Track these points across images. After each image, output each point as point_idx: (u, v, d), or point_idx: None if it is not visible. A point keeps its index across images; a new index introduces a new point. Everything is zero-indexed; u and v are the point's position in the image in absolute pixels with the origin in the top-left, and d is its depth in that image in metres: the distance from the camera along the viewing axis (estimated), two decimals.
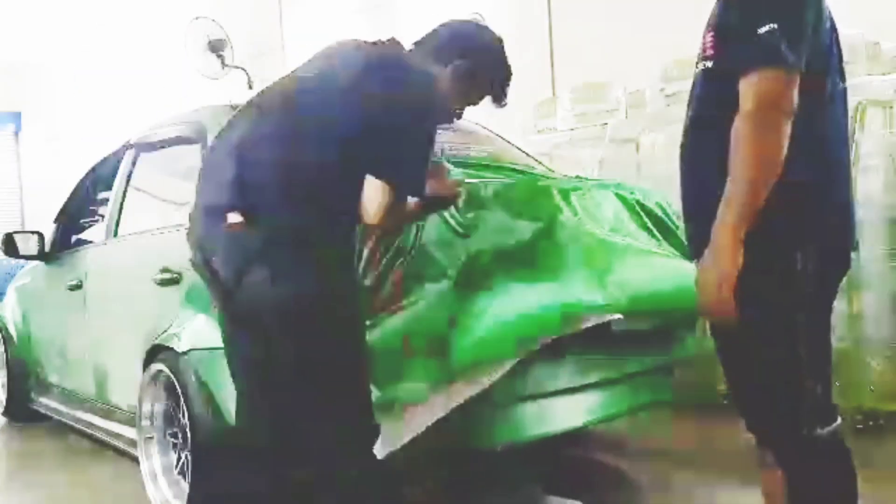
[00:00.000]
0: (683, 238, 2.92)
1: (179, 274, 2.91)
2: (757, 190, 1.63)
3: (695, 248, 1.80)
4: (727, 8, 1.73)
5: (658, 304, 2.60)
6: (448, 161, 3.02)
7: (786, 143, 1.61)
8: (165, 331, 2.87)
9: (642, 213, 2.97)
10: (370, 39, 2.12)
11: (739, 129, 1.64)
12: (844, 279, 1.89)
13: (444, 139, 3.27)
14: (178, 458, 2.86)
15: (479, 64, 2.18)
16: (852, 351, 3.51)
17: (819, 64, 1.69)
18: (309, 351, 1.92)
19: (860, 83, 3.61)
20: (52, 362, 4.34)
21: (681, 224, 3.16)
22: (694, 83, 1.83)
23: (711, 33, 1.75)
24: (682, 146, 1.86)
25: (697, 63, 1.80)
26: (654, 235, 2.95)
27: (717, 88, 1.73)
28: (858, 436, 3.45)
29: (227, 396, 2.63)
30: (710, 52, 1.75)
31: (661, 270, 2.68)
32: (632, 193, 3.01)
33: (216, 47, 9.15)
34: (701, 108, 1.81)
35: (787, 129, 1.61)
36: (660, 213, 3.03)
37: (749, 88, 1.63)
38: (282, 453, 2.00)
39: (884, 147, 3.61)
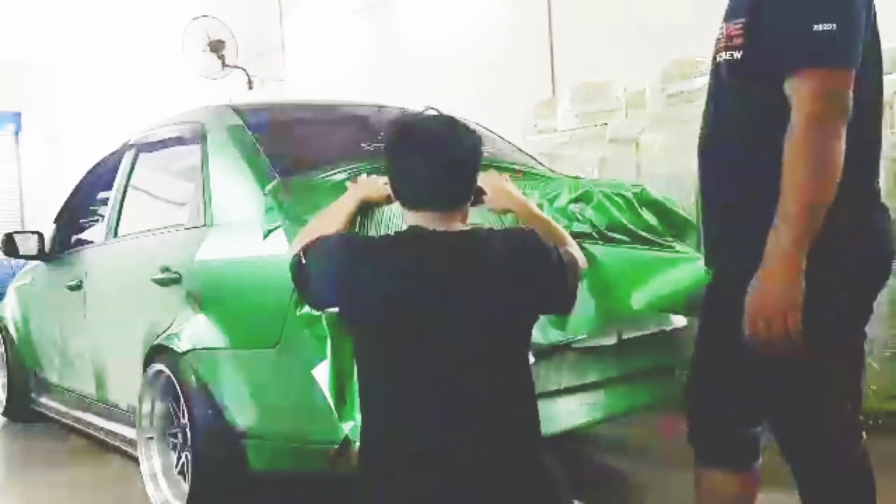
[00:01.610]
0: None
1: (179, 274, 2.91)
2: (818, 207, 1.50)
3: (711, 253, 1.73)
4: None
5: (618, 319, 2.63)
6: None
7: (843, 150, 1.49)
8: (165, 331, 2.87)
9: (644, 209, 2.93)
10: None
11: (798, 134, 1.50)
12: None
13: None
14: (178, 459, 2.86)
15: None
16: None
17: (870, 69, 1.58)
18: None
19: None
20: (52, 362, 4.34)
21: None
22: (714, 73, 1.71)
23: (741, 21, 1.61)
24: (703, 140, 1.76)
25: (717, 53, 1.68)
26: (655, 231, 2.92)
27: (745, 82, 1.62)
28: None
29: (227, 396, 2.64)
30: (737, 41, 1.61)
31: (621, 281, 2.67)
32: (632, 190, 2.98)
33: (216, 47, 9.18)
34: (725, 102, 1.70)
35: (844, 135, 1.49)
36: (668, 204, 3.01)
37: (806, 90, 1.50)
38: None
39: (884, 147, 3.60)
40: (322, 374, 2.21)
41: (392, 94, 5.65)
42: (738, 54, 1.62)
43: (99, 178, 4.23)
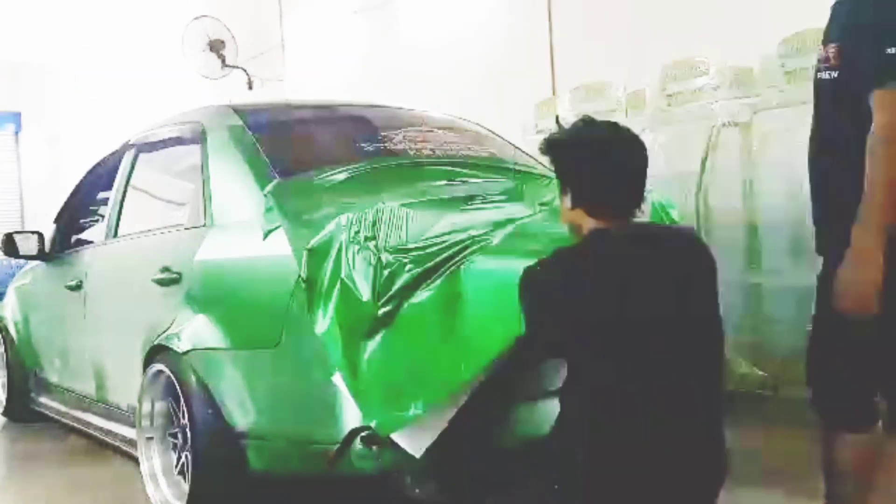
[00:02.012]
0: None
1: (179, 274, 2.91)
2: (893, 196, 1.79)
3: (825, 245, 1.98)
4: (855, 23, 1.88)
5: None
6: (447, 161, 3.02)
7: None
8: (165, 331, 2.87)
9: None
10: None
11: (872, 142, 1.79)
12: None
13: (445, 139, 3.28)
14: (178, 459, 2.86)
15: None
16: None
17: None
18: None
19: None
20: (52, 362, 4.34)
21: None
22: (817, 89, 2.00)
23: (836, 45, 1.91)
24: (811, 147, 2.02)
25: (819, 71, 1.97)
26: None
27: (842, 97, 1.89)
28: None
29: (227, 396, 2.64)
30: (834, 62, 1.91)
31: None
32: None
33: (216, 47, 9.19)
34: (827, 116, 1.98)
35: None
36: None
37: (878, 106, 1.79)
38: None
39: None
40: (339, 378, 2.22)
41: (392, 94, 5.66)
42: (835, 74, 1.92)
43: (99, 178, 4.23)
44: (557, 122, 2.04)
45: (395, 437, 2.16)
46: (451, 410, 2.16)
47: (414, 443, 2.15)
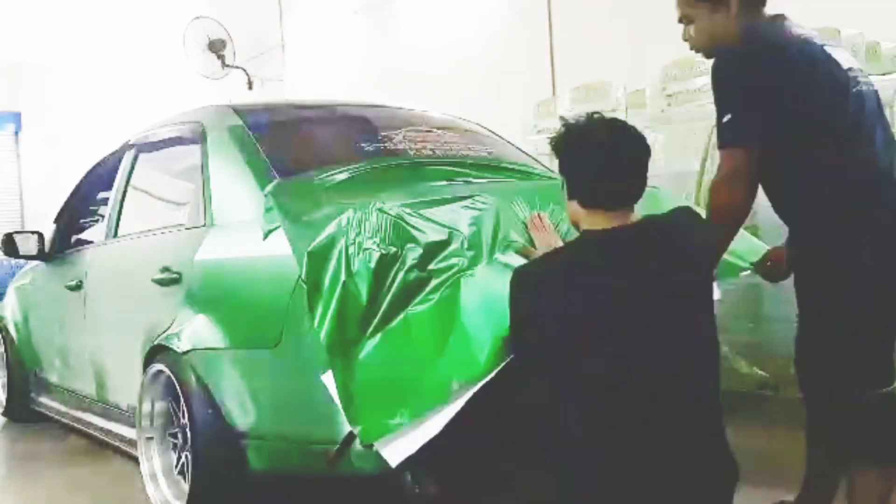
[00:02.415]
0: None
1: (179, 274, 2.91)
2: (725, 225, 2.18)
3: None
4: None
5: None
6: (447, 161, 3.02)
7: (747, 199, 2.15)
8: (165, 331, 2.87)
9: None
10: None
11: (711, 186, 2.20)
12: None
13: (445, 139, 3.28)
14: (178, 459, 2.86)
15: None
16: None
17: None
18: None
19: None
20: (52, 362, 4.34)
21: None
22: None
23: None
24: None
25: None
26: None
27: None
28: None
29: (227, 396, 2.64)
30: None
31: None
32: None
33: (216, 47, 9.19)
34: None
35: (748, 189, 2.14)
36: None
37: (720, 160, 2.18)
38: None
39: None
40: (329, 378, 2.20)
41: (392, 94, 5.65)
42: None
43: (99, 178, 4.23)
44: (561, 120, 2.09)
45: (376, 445, 2.11)
46: (440, 420, 2.12)
47: (394, 451, 2.12)
